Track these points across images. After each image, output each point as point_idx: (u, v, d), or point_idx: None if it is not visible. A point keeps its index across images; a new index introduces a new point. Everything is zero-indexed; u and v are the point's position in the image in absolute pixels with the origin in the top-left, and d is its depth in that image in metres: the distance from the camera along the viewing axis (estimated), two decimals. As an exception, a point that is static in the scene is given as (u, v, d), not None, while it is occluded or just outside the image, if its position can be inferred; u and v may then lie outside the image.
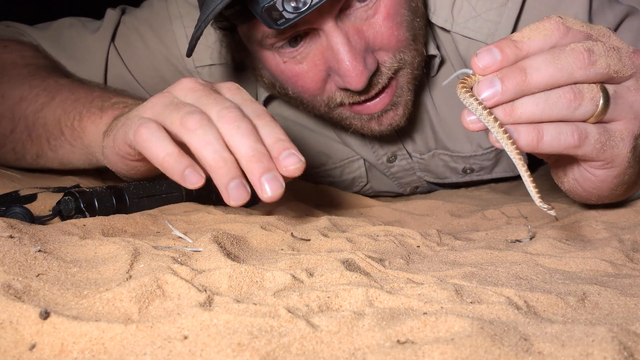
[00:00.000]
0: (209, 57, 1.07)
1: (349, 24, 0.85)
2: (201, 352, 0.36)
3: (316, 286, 0.49)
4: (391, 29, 0.86)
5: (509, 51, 0.58)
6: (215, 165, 0.61)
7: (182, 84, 0.69)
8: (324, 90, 0.91)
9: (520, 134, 0.58)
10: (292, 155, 0.63)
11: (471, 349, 0.36)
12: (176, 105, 0.66)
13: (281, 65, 0.90)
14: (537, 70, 0.57)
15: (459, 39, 0.98)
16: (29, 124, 0.90)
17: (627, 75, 0.61)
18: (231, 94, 0.70)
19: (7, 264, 0.48)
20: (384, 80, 0.90)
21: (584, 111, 0.59)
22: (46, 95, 0.90)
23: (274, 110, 1.13)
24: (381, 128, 0.97)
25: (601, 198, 0.75)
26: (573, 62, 0.58)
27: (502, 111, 0.58)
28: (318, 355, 0.37)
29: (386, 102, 0.93)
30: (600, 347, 0.36)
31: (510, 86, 0.57)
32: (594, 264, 0.60)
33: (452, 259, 0.64)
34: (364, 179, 1.23)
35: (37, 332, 0.38)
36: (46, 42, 1.09)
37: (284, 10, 0.76)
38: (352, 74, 0.84)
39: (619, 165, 0.65)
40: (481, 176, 1.21)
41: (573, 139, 0.59)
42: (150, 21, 1.09)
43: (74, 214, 0.70)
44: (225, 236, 0.63)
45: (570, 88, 0.58)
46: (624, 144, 0.63)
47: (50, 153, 0.89)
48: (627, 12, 0.95)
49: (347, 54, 0.83)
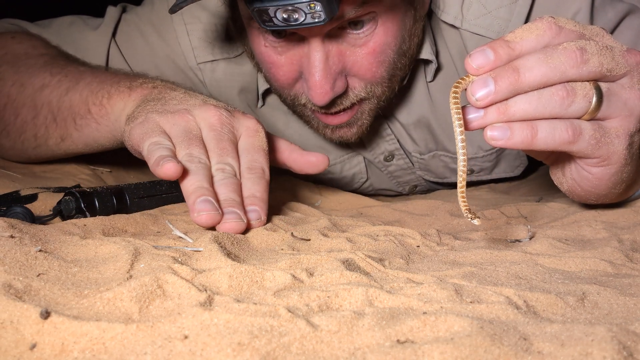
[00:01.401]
0: (211, 53, 1.08)
1: (334, 45, 0.86)
2: (201, 352, 0.36)
3: (316, 286, 0.49)
4: (371, 64, 0.89)
5: (502, 51, 0.59)
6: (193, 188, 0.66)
7: (207, 114, 0.73)
8: (293, 87, 0.94)
9: (514, 131, 0.59)
10: (255, 211, 0.68)
11: (471, 348, 0.36)
12: (190, 138, 0.70)
13: (262, 47, 0.92)
14: (529, 70, 0.58)
15: (468, 37, 0.98)
16: (54, 108, 0.90)
17: (620, 74, 0.61)
18: (246, 137, 0.74)
19: (8, 264, 0.48)
20: (347, 104, 0.93)
21: (577, 108, 0.59)
22: (69, 80, 0.90)
23: (275, 105, 1.13)
24: (332, 137, 1.01)
25: (600, 197, 0.75)
26: (565, 60, 0.58)
27: (496, 110, 0.59)
28: (318, 355, 0.37)
29: (343, 120, 0.96)
30: (600, 347, 0.36)
31: (504, 85, 0.58)
32: (594, 263, 0.60)
33: (452, 258, 0.64)
34: (364, 175, 1.23)
35: (38, 332, 0.38)
36: (48, 38, 1.09)
37: (275, 17, 0.77)
38: (317, 91, 0.86)
39: (615, 163, 0.65)
40: (481, 177, 1.21)
41: (567, 134, 0.60)
42: (151, 18, 1.09)
43: (74, 214, 0.70)
44: (226, 236, 0.63)
45: (563, 86, 0.59)
46: (619, 141, 0.63)
47: (75, 133, 0.89)
48: (628, 10, 0.95)
49: (320, 71, 0.85)
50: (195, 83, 1.11)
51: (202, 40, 1.07)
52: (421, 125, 1.13)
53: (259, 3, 0.76)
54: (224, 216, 0.65)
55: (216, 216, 0.64)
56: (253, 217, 0.68)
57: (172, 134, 0.70)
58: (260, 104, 1.13)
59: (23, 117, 0.93)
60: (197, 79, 1.10)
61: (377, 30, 0.86)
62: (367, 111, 0.96)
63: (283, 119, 1.15)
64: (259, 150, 0.74)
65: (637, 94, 0.62)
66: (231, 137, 0.73)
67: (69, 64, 0.96)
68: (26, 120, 0.93)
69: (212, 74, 1.09)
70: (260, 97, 1.12)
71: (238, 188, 0.69)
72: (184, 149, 0.69)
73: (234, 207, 0.66)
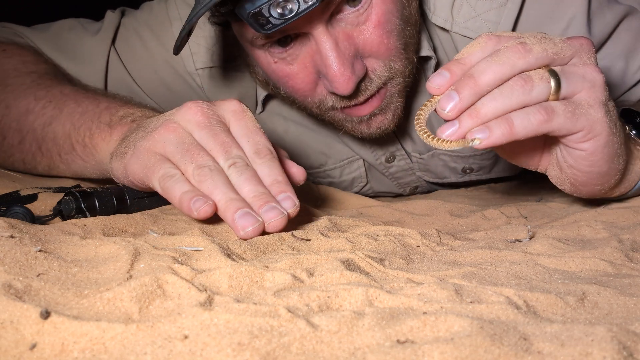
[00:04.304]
0: (210, 59, 1.07)
1: (339, 29, 0.85)
2: (201, 352, 0.36)
3: (316, 286, 0.49)
4: (381, 37, 0.87)
5: (455, 68, 0.65)
6: (224, 204, 0.65)
7: (188, 114, 0.71)
8: (315, 92, 0.92)
9: (492, 129, 0.63)
10: (288, 198, 0.67)
11: (471, 348, 0.36)
12: (188, 149, 0.69)
13: (272, 65, 0.90)
14: (483, 72, 0.63)
15: (459, 39, 0.98)
16: (38, 137, 0.90)
17: (568, 55, 0.66)
18: (235, 121, 0.73)
19: (8, 264, 0.48)
20: (373, 88, 0.91)
21: (540, 90, 0.64)
22: (53, 108, 0.90)
23: (274, 110, 1.13)
24: (370, 131, 0.98)
25: (604, 179, 0.73)
26: (511, 54, 0.63)
27: (468, 116, 0.64)
28: (318, 355, 0.37)
29: (375, 106, 0.94)
30: (600, 347, 0.36)
31: (466, 92, 0.63)
32: (594, 263, 0.61)
33: (452, 258, 0.64)
34: (364, 180, 1.23)
35: (38, 332, 0.38)
36: (45, 44, 1.08)
37: (270, 17, 0.77)
38: (339, 80, 0.84)
39: (601, 132, 0.67)
40: (480, 176, 1.21)
41: (541, 114, 0.63)
42: (149, 23, 1.09)
43: (74, 214, 0.70)
44: (225, 236, 0.63)
45: (519, 76, 0.64)
46: (594, 110, 0.66)
47: (62, 166, 0.89)
48: (626, 12, 0.95)
49: (335, 59, 0.83)
50: (194, 88, 1.10)
51: (201, 46, 1.06)
52: None
53: (250, 5, 0.76)
54: (264, 216, 0.64)
55: (260, 226, 0.64)
56: (289, 206, 0.67)
57: (168, 154, 0.69)
58: (259, 110, 1.13)
59: (9, 140, 0.93)
60: (195, 84, 1.10)
61: (375, 1, 0.86)
62: (397, 93, 0.94)
63: (282, 125, 1.15)
64: (256, 131, 0.72)
65: (591, 67, 0.66)
66: (223, 128, 0.71)
67: (55, 85, 0.95)
68: (13, 144, 0.93)
69: (211, 79, 1.09)
70: (260, 103, 1.11)
71: (258, 177, 0.68)
72: (188, 164, 0.67)
73: (270, 202, 0.65)
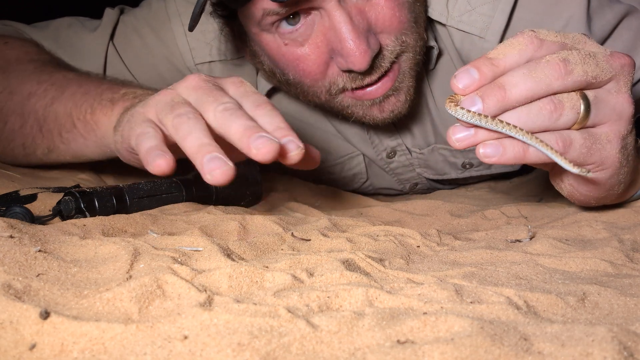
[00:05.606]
0: (208, 54, 1.08)
1: (351, 4, 0.84)
2: (201, 352, 0.36)
3: (316, 286, 0.49)
4: (393, 10, 0.86)
5: (486, 69, 0.60)
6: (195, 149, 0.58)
7: (187, 81, 0.69)
8: (325, 74, 0.90)
9: (506, 147, 0.60)
10: (292, 141, 0.61)
11: (471, 348, 0.36)
12: (173, 105, 0.65)
13: (282, 49, 0.89)
14: (515, 86, 0.58)
15: (454, 32, 0.99)
16: (39, 118, 0.90)
17: (606, 79, 0.62)
18: (234, 88, 0.70)
19: (7, 264, 0.48)
20: (386, 64, 0.89)
21: (566, 120, 0.60)
22: (55, 90, 0.90)
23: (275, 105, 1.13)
24: (383, 115, 0.96)
25: (600, 200, 0.75)
26: (550, 73, 0.59)
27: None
28: (318, 355, 0.37)
29: (388, 86, 0.92)
30: (600, 347, 0.36)
31: (492, 103, 0.58)
32: (594, 264, 0.60)
33: (452, 259, 0.64)
34: (364, 176, 1.23)
35: (37, 332, 0.38)
36: (45, 41, 1.09)
37: None
38: (355, 53, 0.82)
39: (610, 167, 0.66)
40: (480, 171, 1.20)
41: (557, 147, 0.61)
42: (149, 20, 1.09)
43: (74, 214, 0.70)
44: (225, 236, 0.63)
45: (550, 99, 0.60)
46: (611, 146, 0.64)
47: (62, 146, 0.89)
48: (626, 11, 0.95)
49: (351, 32, 0.82)
50: None
51: (200, 41, 1.07)
52: (421, 118, 1.13)
53: None
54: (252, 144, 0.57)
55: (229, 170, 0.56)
56: (292, 148, 0.61)
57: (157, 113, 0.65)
58: None
59: (11, 125, 0.93)
60: None
61: None
62: (408, 70, 0.93)
63: None
64: (255, 93, 0.69)
65: (624, 97, 0.63)
66: (220, 89, 0.68)
67: (57, 71, 0.95)
68: (14, 129, 0.93)
69: (210, 74, 1.09)
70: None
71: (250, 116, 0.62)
72: (169, 116, 0.63)
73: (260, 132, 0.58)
